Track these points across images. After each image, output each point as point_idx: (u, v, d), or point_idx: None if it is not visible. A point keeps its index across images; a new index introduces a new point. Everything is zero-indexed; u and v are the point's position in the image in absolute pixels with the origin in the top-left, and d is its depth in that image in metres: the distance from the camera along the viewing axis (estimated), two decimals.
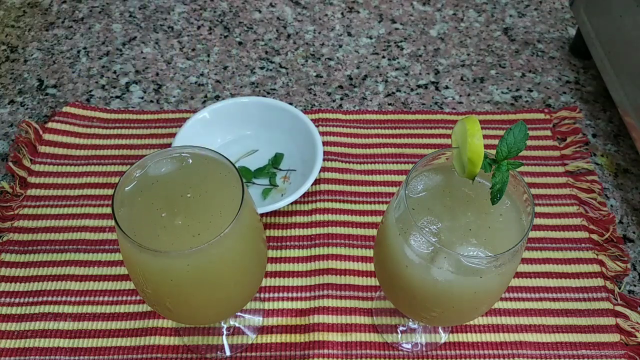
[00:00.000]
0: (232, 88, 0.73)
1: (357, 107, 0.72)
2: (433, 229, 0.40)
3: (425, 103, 0.72)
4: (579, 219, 0.61)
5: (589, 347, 0.52)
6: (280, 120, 0.65)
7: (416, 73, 0.76)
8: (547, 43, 0.80)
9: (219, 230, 0.37)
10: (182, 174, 0.41)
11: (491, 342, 0.52)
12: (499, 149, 0.39)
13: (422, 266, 0.39)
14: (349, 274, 0.56)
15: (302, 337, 0.52)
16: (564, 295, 0.55)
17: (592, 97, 0.74)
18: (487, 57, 0.78)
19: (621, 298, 0.55)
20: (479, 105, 0.72)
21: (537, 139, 0.68)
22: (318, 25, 0.81)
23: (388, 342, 0.52)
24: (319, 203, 0.61)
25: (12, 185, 0.62)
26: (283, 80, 0.74)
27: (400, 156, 0.66)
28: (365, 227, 0.60)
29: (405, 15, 0.83)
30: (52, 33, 0.80)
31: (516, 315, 0.54)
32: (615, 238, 0.59)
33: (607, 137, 0.70)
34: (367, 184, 0.63)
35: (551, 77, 0.76)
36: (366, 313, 0.54)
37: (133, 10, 0.83)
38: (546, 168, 0.65)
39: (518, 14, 0.84)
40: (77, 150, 0.65)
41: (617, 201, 0.64)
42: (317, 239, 0.59)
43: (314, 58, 0.77)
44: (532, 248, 0.59)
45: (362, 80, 0.75)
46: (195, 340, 0.52)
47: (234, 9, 0.83)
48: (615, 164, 0.67)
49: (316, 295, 0.55)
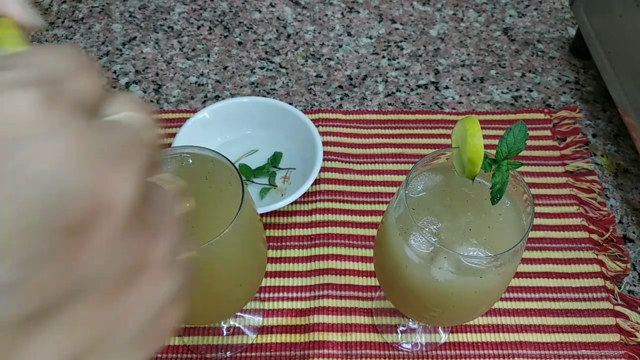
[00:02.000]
0: (232, 88, 0.73)
1: (357, 107, 0.72)
2: (433, 229, 0.40)
3: (425, 103, 0.72)
4: (579, 219, 0.61)
5: (589, 347, 0.52)
6: (280, 120, 0.65)
7: (416, 73, 0.76)
8: (547, 43, 0.80)
9: (218, 230, 0.37)
10: (181, 174, 0.41)
11: (491, 342, 0.52)
12: (499, 149, 0.39)
13: (422, 266, 0.39)
14: (349, 274, 0.56)
15: (302, 337, 0.52)
16: (564, 295, 0.55)
17: (592, 97, 0.74)
18: (487, 57, 0.78)
19: (621, 298, 0.55)
20: (479, 105, 0.72)
21: (537, 139, 0.68)
22: (318, 25, 0.81)
23: (388, 342, 0.52)
24: (319, 203, 0.61)
25: None
26: (283, 80, 0.74)
27: (400, 156, 0.66)
28: (365, 227, 0.60)
29: (405, 15, 0.83)
30: (52, 33, 0.80)
31: (516, 315, 0.54)
32: (615, 238, 0.59)
33: (607, 137, 0.70)
34: (367, 184, 0.63)
35: (551, 77, 0.76)
36: (366, 313, 0.54)
37: (133, 10, 0.83)
38: (546, 168, 0.65)
39: (518, 14, 0.84)
40: None
41: (617, 201, 0.64)
42: (317, 239, 0.59)
43: (314, 58, 0.77)
44: (532, 248, 0.59)
45: (362, 80, 0.75)
46: (195, 340, 0.52)
47: (234, 9, 0.83)
48: (615, 164, 0.67)
49: (316, 295, 0.55)
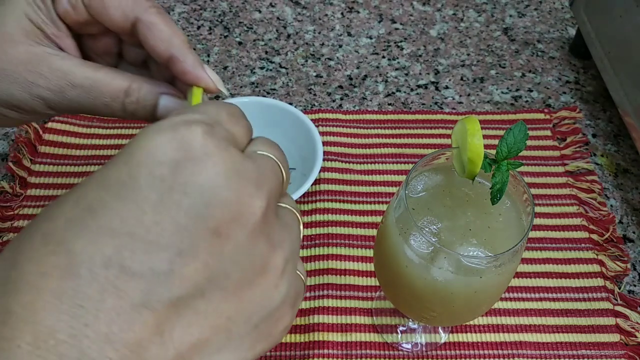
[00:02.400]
0: (232, 88, 0.73)
1: (357, 107, 0.72)
2: (433, 229, 0.40)
3: (425, 103, 0.72)
4: (579, 219, 0.61)
5: (589, 347, 0.52)
6: (280, 120, 0.65)
7: (416, 73, 0.76)
8: (547, 43, 0.80)
9: None
10: None
11: (491, 342, 0.52)
12: (499, 149, 0.39)
13: (422, 266, 0.39)
14: (349, 274, 0.56)
15: (302, 337, 0.52)
16: (564, 295, 0.55)
17: (592, 97, 0.74)
18: (487, 57, 0.78)
19: (621, 298, 0.55)
20: (479, 105, 0.72)
21: (537, 139, 0.68)
22: (318, 25, 0.81)
23: (388, 342, 0.52)
24: (319, 203, 0.61)
25: (12, 185, 0.62)
26: (283, 80, 0.74)
27: (400, 156, 0.66)
28: (365, 227, 0.60)
29: (405, 15, 0.83)
30: None
31: (516, 315, 0.54)
32: (615, 238, 0.59)
33: (607, 137, 0.70)
34: (367, 184, 0.63)
35: (551, 77, 0.76)
36: (366, 313, 0.54)
37: None
38: (546, 168, 0.65)
39: (518, 14, 0.84)
40: (77, 150, 0.65)
41: (617, 201, 0.64)
42: (317, 239, 0.59)
43: (314, 58, 0.77)
44: (532, 248, 0.59)
45: (362, 80, 0.75)
46: None
47: (234, 9, 0.83)
48: (615, 164, 0.67)
49: (316, 295, 0.55)
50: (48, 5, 0.34)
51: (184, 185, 0.22)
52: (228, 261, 0.23)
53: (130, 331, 0.20)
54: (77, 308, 0.20)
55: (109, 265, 0.21)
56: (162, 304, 0.21)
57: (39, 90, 0.34)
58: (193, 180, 0.22)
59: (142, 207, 0.21)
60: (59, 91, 0.34)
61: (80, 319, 0.20)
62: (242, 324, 0.24)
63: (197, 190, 0.22)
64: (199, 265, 0.22)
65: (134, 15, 0.33)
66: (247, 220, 0.23)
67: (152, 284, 0.21)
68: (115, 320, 0.20)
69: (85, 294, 0.20)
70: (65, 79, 0.33)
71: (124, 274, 0.21)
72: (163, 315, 0.21)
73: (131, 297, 0.21)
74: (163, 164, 0.22)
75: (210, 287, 0.23)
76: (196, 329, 0.22)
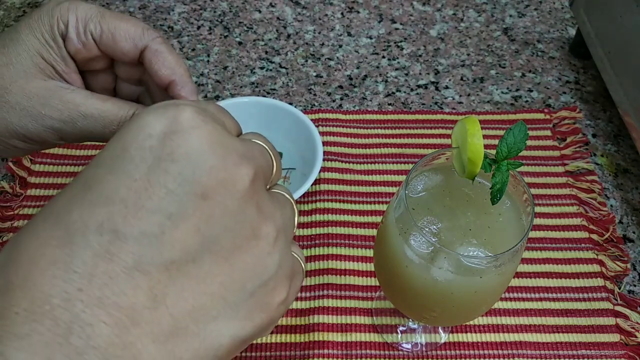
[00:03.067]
0: (232, 88, 0.73)
1: (357, 107, 0.72)
2: (433, 229, 0.40)
3: (425, 103, 0.72)
4: (579, 219, 0.61)
5: (589, 347, 0.52)
6: (280, 120, 0.65)
7: (416, 73, 0.76)
8: (547, 43, 0.80)
9: None
10: None
11: (491, 342, 0.52)
12: (499, 149, 0.39)
13: (422, 266, 0.39)
14: (349, 274, 0.56)
15: (302, 337, 0.52)
16: (564, 295, 0.55)
17: (592, 97, 0.74)
18: (487, 57, 0.78)
19: (621, 298, 0.55)
20: (479, 105, 0.72)
21: (537, 139, 0.68)
22: (318, 25, 0.81)
23: (388, 342, 0.52)
24: (319, 203, 0.61)
25: (12, 185, 0.62)
26: (283, 80, 0.74)
27: (400, 156, 0.66)
28: (365, 227, 0.60)
29: (405, 15, 0.83)
30: None
31: (516, 315, 0.54)
32: (615, 238, 0.59)
33: (607, 137, 0.70)
34: (367, 184, 0.63)
35: (551, 77, 0.76)
36: (366, 313, 0.54)
37: (133, 10, 0.83)
38: (546, 168, 0.65)
39: (518, 14, 0.84)
40: (77, 150, 0.65)
41: (617, 201, 0.64)
42: (317, 239, 0.59)
43: (314, 58, 0.77)
44: (532, 248, 0.59)
45: (362, 80, 0.75)
46: None
47: (234, 9, 0.83)
48: (615, 164, 0.67)
49: (316, 295, 0.55)
50: (59, 44, 0.37)
51: (172, 154, 0.23)
52: (218, 225, 0.23)
53: (123, 295, 0.21)
54: (71, 273, 0.21)
55: (102, 231, 0.21)
56: (154, 267, 0.22)
57: (52, 122, 0.36)
58: (180, 149, 0.23)
59: (133, 175, 0.22)
60: (70, 122, 0.37)
61: (73, 283, 0.20)
62: (236, 291, 0.25)
63: (184, 158, 0.23)
64: (189, 229, 0.23)
65: (142, 44, 0.37)
66: (234, 186, 0.24)
67: (143, 247, 0.22)
68: (108, 284, 0.21)
69: (79, 260, 0.21)
70: (77, 110, 0.36)
71: (116, 239, 0.21)
72: (155, 279, 0.22)
73: (124, 260, 0.21)
74: (152, 136, 0.23)
75: (201, 252, 0.23)
76: (190, 294, 0.23)
